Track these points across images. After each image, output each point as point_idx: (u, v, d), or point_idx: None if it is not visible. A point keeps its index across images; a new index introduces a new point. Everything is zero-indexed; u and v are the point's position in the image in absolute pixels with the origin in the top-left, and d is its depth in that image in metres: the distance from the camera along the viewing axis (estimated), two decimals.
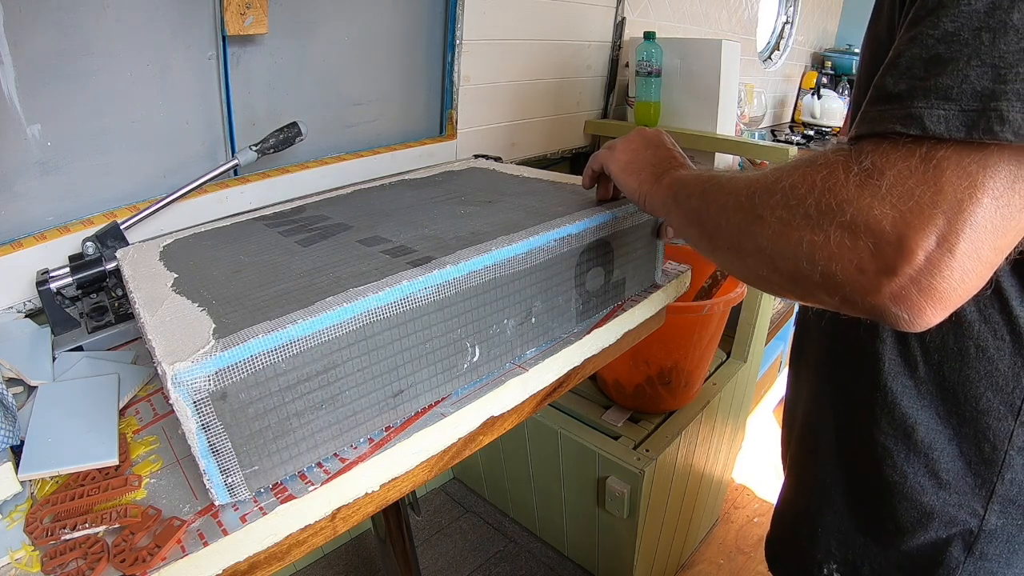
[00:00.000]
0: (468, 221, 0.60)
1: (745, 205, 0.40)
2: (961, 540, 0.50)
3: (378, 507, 0.48)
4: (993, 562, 0.50)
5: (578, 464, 1.31)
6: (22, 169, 0.76)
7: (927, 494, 0.50)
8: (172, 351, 0.39)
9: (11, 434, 0.49)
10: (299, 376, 0.42)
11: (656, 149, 0.58)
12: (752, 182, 0.41)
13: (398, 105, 1.21)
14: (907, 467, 0.51)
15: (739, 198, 0.41)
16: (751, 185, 0.41)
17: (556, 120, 1.56)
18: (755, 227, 0.39)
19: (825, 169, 0.35)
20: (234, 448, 0.40)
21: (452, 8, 1.18)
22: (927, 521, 0.51)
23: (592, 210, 0.62)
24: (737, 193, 0.42)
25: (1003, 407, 0.46)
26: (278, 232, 0.63)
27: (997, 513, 0.48)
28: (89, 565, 0.39)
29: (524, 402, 0.58)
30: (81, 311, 0.71)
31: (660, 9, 1.79)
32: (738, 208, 0.41)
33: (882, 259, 0.33)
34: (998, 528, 0.49)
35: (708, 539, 1.65)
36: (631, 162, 0.59)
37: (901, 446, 0.51)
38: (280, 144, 0.89)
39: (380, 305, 0.45)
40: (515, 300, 0.56)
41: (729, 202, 0.42)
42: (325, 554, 1.55)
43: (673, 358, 1.25)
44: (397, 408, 0.49)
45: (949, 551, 0.50)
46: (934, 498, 0.50)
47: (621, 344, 0.69)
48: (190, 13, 0.85)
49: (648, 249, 0.70)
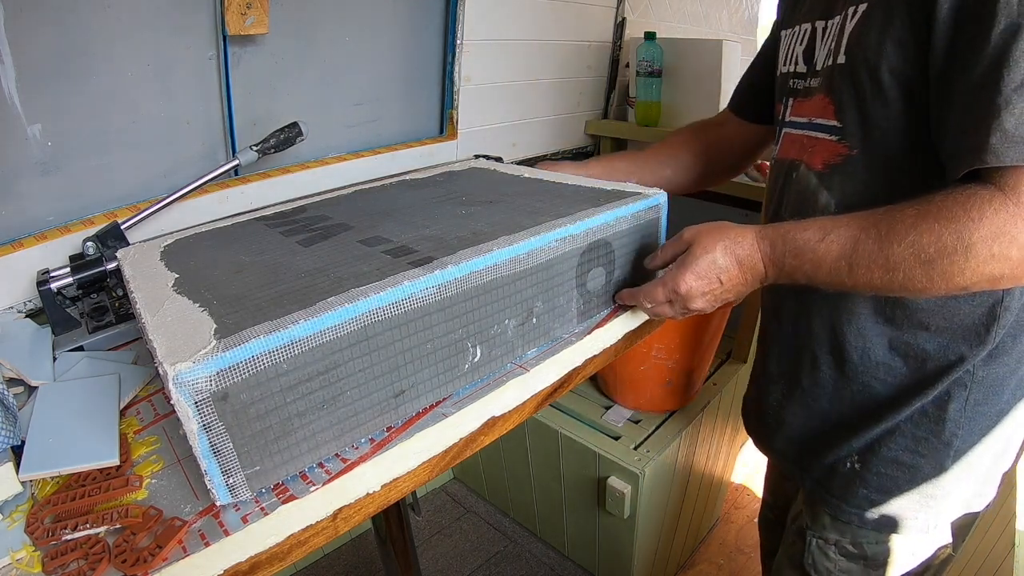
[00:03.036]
0: (469, 221, 0.60)
1: (925, 276, 0.49)
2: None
3: (379, 507, 0.48)
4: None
5: (578, 464, 1.31)
6: (22, 169, 0.76)
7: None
8: (173, 351, 0.39)
9: (12, 434, 0.49)
10: (300, 376, 0.42)
11: (724, 271, 0.58)
12: (913, 253, 0.49)
13: (399, 105, 1.21)
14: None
15: (913, 272, 0.49)
16: (919, 256, 0.48)
17: (556, 120, 1.56)
18: (954, 281, 0.48)
19: (990, 217, 0.46)
20: (235, 448, 0.40)
21: (452, 8, 1.18)
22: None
23: (593, 210, 0.61)
24: (905, 266, 0.49)
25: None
26: (279, 232, 0.63)
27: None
28: (90, 565, 0.39)
29: (525, 402, 0.58)
30: (82, 311, 0.71)
31: (660, 9, 1.79)
32: (920, 276, 0.49)
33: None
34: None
35: (708, 539, 1.65)
36: (722, 292, 0.59)
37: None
38: (281, 144, 0.89)
39: (381, 305, 0.45)
40: (516, 300, 0.56)
41: (900, 277, 0.50)
42: (326, 554, 1.55)
43: (673, 358, 1.25)
44: (398, 408, 0.49)
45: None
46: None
47: (622, 344, 0.69)
48: (191, 13, 0.85)
49: (650, 249, 0.70)
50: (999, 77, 0.45)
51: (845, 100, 0.59)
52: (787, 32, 0.71)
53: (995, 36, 0.45)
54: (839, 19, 0.60)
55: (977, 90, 0.47)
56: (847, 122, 0.59)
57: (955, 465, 0.64)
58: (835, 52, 0.60)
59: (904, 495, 0.66)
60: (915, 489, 0.65)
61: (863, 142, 0.59)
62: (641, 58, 1.48)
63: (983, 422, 0.62)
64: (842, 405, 0.68)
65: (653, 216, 0.68)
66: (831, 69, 0.61)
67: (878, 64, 0.54)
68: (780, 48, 0.73)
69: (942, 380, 0.61)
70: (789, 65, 0.70)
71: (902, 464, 0.65)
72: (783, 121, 0.71)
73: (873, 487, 0.67)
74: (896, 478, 0.65)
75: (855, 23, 0.57)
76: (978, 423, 0.62)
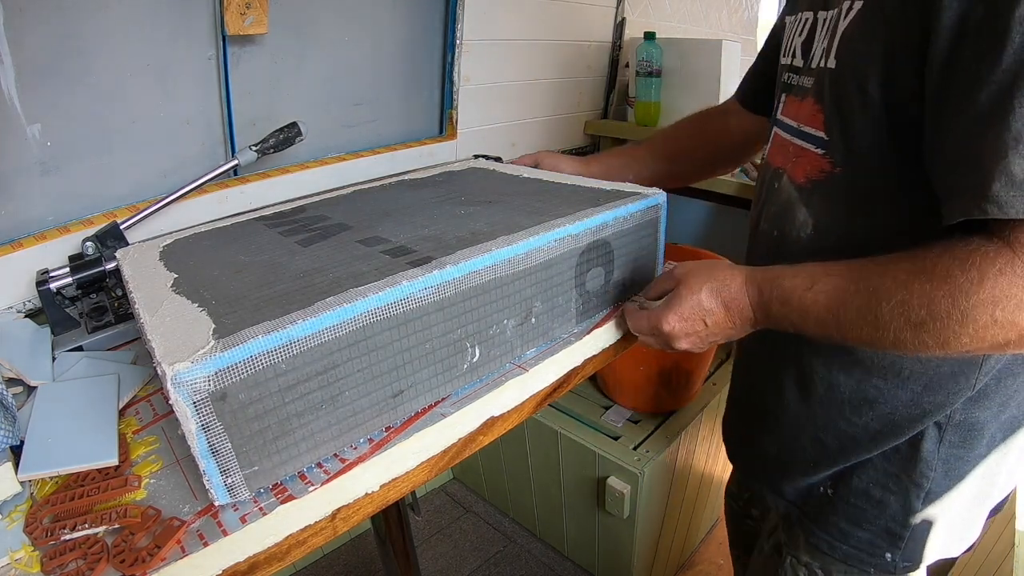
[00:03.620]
0: (468, 221, 0.60)
1: (915, 339, 0.44)
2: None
3: (378, 507, 0.48)
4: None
5: (578, 464, 1.32)
6: (22, 169, 0.76)
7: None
8: (172, 351, 0.38)
9: (11, 434, 0.49)
10: (299, 376, 0.42)
11: (710, 314, 0.54)
12: (914, 318, 0.43)
13: (398, 105, 1.21)
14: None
15: (903, 334, 0.44)
16: (908, 318, 0.43)
17: (556, 120, 1.56)
18: (950, 347, 0.43)
19: (992, 278, 0.40)
20: (234, 448, 0.40)
21: (452, 8, 1.18)
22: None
23: (592, 210, 0.61)
24: (895, 327, 0.44)
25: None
26: (278, 232, 0.63)
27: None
28: (89, 565, 0.39)
29: (524, 402, 0.58)
30: (81, 311, 0.71)
31: (660, 9, 1.79)
32: (911, 339, 0.44)
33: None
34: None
35: (708, 539, 1.65)
36: (706, 335, 0.56)
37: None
38: (280, 144, 0.89)
39: (380, 305, 0.45)
40: (515, 300, 0.56)
41: (891, 337, 0.45)
42: (325, 554, 1.55)
43: (673, 358, 1.25)
44: (397, 408, 0.49)
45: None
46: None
47: (621, 344, 0.69)
48: (190, 13, 0.85)
49: (649, 250, 0.70)
50: (1009, 108, 0.38)
51: (832, 111, 0.54)
52: (791, 19, 0.66)
53: (1008, 56, 0.38)
54: (835, 13, 0.54)
55: (981, 119, 0.40)
56: (833, 136, 0.54)
57: (926, 508, 0.59)
58: (827, 53, 0.54)
59: (871, 529, 0.62)
60: (882, 525, 0.61)
61: (847, 160, 0.53)
62: (641, 58, 1.48)
63: (960, 466, 0.58)
64: (809, 434, 0.64)
65: (653, 216, 0.68)
66: (822, 72, 0.55)
67: (866, 75, 0.49)
68: (783, 35, 0.68)
69: (918, 421, 0.56)
70: (788, 56, 0.65)
71: (871, 498, 0.61)
72: (774, 118, 0.68)
73: (844, 516, 0.63)
74: (865, 511, 0.62)
75: (848, 23, 0.51)
76: (954, 466, 0.58)
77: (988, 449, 0.58)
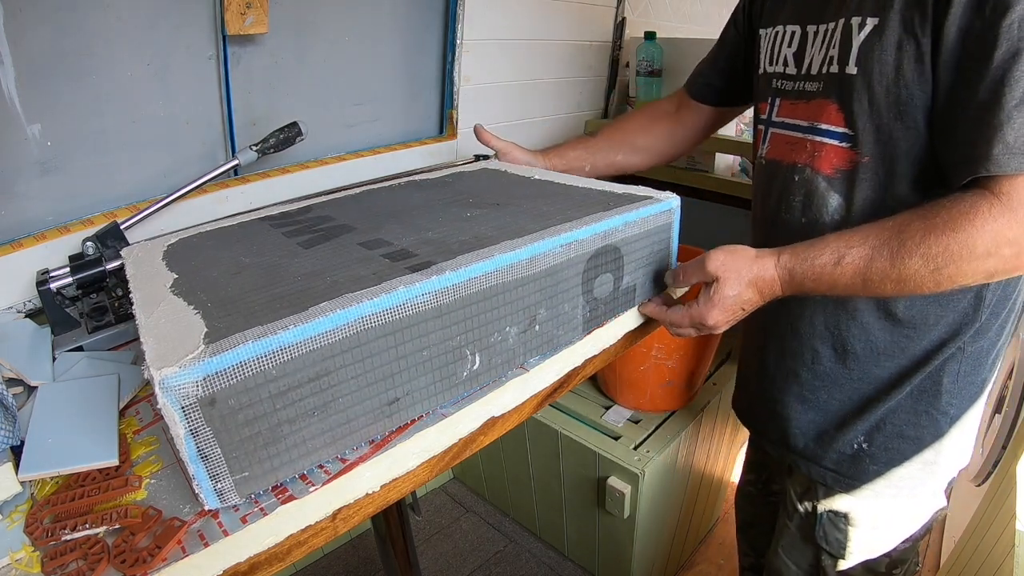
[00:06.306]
0: (473, 224, 0.59)
1: (933, 282, 0.55)
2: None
3: (378, 507, 0.48)
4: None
5: (578, 464, 1.32)
6: (22, 169, 0.76)
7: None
8: (161, 355, 0.38)
9: (11, 434, 0.49)
10: (290, 383, 0.41)
11: (744, 289, 0.62)
12: (914, 262, 0.54)
13: (398, 105, 1.21)
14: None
15: (923, 280, 0.55)
16: (930, 266, 0.54)
17: (556, 120, 1.56)
18: (951, 284, 0.55)
19: (991, 223, 0.52)
20: (224, 454, 0.39)
21: (452, 8, 1.18)
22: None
23: (602, 214, 0.60)
24: (917, 277, 0.55)
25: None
26: (282, 233, 0.63)
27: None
28: (89, 566, 0.39)
29: (524, 402, 0.58)
30: (81, 311, 0.71)
31: (660, 9, 1.79)
32: (930, 282, 0.55)
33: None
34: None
35: (708, 539, 1.65)
36: (739, 309, 0.63)
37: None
38: (280, 144, 0.89)
39: (374, 312, 0.44)
40: (518, 307, 0.54)
41: (911, 286, 0.56)
42: (325, 554, 1.55)
43: (673, 358, 1.25)
44: (392, 416, 0.48)
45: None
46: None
47: (621, 344, 0.69)
48: (190, 13, 0.85)
49: (662, 255, 0.68)
50: (1001, 95, 0.51)
51: (859, 110, 0.62)
52: (767, 31, 0.75)
53: (997, 58, 0.51)
54: (835, 26, 0.63)
55: (981, 106, 0.53)
56: (860, 131, 0.63)
57: (952, 429, 0.71)
58: (841, 61, 0.63)
59: (909, 463, 0.72)
60: (918, 456, 0.72)
61: (876, 151, 0.63)
62: (641, 58, 1.48)
63: (971, 390, 0.71)
64: (842, 394, 0.74)
65: (665, 221, 0.66)
66: (837, 77, 0.64)
67: (897, 80, 0.59)
68: (760, 46, 0.76)
69: (939, 355, 0.68)
70: (776, 65, 0.73)
71: (906, 437, 0.71)
72: (768, 120, 0.75)
73: (881, 461, 0.73)
74: (902, 450, 0.72)
75: (865, 36, 0.60)
76: (967, 391, 0.70)
77: (990, 373, 0.71)
